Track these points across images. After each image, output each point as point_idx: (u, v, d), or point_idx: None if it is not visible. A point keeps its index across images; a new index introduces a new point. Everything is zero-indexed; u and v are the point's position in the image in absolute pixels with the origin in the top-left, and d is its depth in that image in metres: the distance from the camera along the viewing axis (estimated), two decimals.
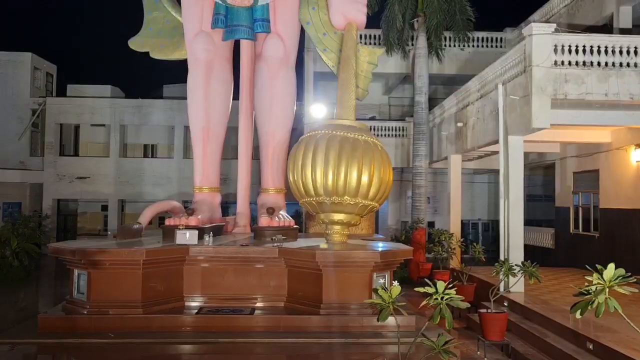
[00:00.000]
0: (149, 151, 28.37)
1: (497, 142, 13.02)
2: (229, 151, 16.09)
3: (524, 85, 11.52)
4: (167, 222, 9.88)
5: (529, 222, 19.49)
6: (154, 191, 25.28)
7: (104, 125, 26.74)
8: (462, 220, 19.28)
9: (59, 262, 9.20)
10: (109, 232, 20.76)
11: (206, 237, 9.11)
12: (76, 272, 8.47)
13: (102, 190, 25.69)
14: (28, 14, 53.06)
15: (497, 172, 13.74)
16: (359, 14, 8.43)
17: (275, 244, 9.07)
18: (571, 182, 17.95)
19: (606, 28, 15.82)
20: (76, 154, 27.54)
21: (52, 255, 9.19)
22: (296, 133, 9.74)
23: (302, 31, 9.80)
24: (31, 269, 18.10)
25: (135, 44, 10.12)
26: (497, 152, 13.52)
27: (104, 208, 26.68)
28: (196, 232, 8.97)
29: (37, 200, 25.54)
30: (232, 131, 10.65)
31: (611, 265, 4.24)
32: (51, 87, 28.78)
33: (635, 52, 11.27)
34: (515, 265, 9.67)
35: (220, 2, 7.55)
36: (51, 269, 19.97)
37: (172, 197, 21.52)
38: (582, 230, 17.37)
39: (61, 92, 28.47)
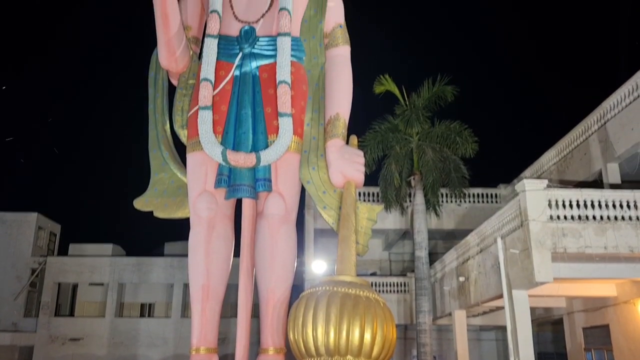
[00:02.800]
0: (146, 310, 27.75)
1: (501, 296, 12.81)
2: (228, 309, 15.75)
3: (523, 239, 11.61)
4: None
5: None
6: (149, 353, 24.24)
7: (102, 284, 26.47)
8: None
9: None
10: None
11: None
12: None
13: (94, 352, 24.63)
14: (38, 174, 55.13)
15: (504, 328, 13.31)
16: (358, 173, 8.71)
17: None
18: (582, 338, 17.29)
19: (597, 183, 16.34)
20: (71, 314, 26.89)
21: None
22: (297, 290, 9.55)
23: (303, 189, 10.10)
24: None
25: (140, 203, 10.34)
26: (502, 307, 13.22)
27: None
28: None
29: None
30: (231, 289, 10.52)
31: None
32: (53, 246, 28.99)
33: (629, 206, 11.53)
34: None
35: (224, 163, 7.86)
36: None
37: (167, 359, 20.60)
38: None
39: (63, 251, 28.62)
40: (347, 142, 6.11)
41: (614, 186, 15.26)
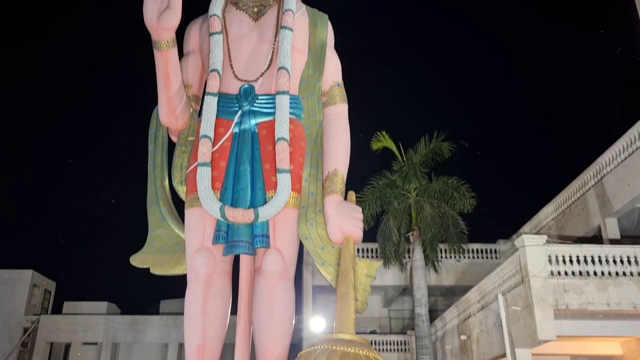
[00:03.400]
0: None
1: (504, 355, 12.53)
2: None
3: (524, 296, 11.46)
4: None
5: None
6: None
7: (95, 343, 25.87)
8: None
9: None
10: None
11: None
12: None
13: None
14: (34, 230, 54.86)
15: None
16: (356, 229, 8.66)
17: None
18: None
19: (596, 239, 16.27)
20: None
21: None
22: (295, 349, 9.37)
23: (301, 245, 10.01)
24: None
25: (137, 260, 10.18)
26: None
27: None
28: None
29: None
30: (227, 348, 10.31)
31: None
32: (48, 304, 28.52)
33: (629, 262, 11.44)
34: None
35: (223, 219, 7.82)
36: None
37: None
38: None
39: (57, 309, 28.13)
40: (346, 198, 6.12)
41: (613, 241, 15.19)
